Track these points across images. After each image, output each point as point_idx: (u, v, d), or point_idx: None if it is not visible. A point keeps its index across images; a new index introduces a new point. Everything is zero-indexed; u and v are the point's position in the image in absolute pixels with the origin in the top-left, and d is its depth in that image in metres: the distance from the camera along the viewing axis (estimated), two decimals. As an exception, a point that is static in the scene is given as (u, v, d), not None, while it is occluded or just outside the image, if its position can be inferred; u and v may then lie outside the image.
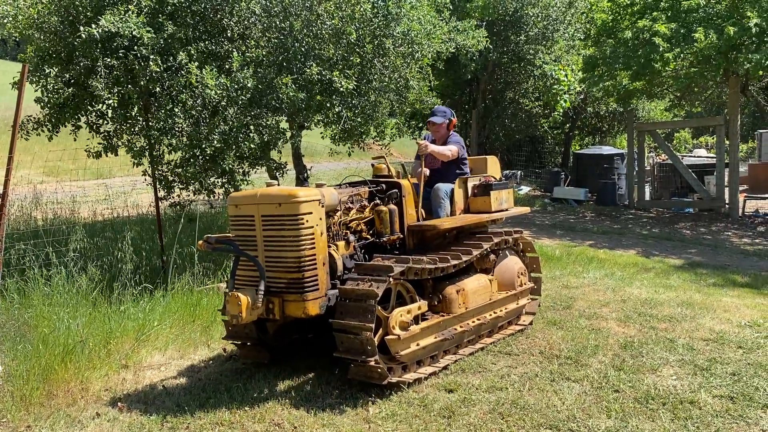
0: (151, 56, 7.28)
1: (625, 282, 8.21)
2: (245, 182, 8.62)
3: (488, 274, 5.83)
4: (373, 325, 4.34)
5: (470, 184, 6.18)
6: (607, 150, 19.59)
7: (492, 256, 5.88)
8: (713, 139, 24.96)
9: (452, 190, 5.95)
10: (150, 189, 8.86)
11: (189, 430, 4.13)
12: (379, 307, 4.55)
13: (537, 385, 4.69)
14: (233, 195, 4.84)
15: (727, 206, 15.11)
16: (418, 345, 4.83)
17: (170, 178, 8.38)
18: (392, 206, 5.33)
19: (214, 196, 8.53)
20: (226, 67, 7.88)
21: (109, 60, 7.29)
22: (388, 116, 10.43)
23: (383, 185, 5.48)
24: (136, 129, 8.60)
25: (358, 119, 8.95)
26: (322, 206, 4.65)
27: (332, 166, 22.07)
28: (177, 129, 7.56)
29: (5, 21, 7.84)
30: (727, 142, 15.37)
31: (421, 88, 10.48)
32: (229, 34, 8.31)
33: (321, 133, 10.27)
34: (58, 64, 7.94)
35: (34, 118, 8.48)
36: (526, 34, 17.42)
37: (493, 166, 6.65)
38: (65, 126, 8.53)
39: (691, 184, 16.23)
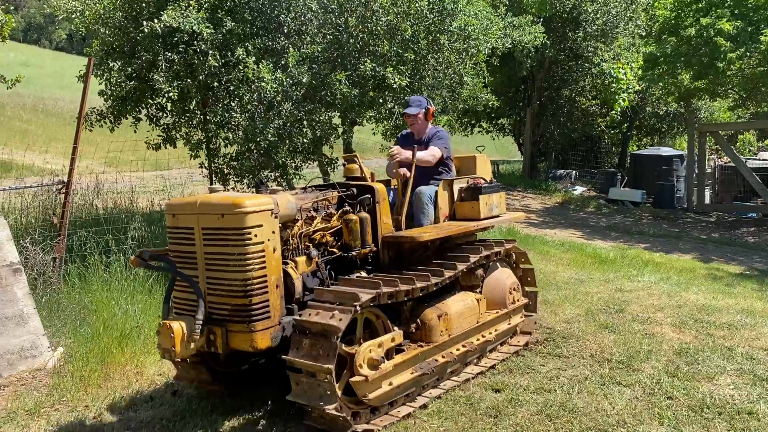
0: (210, 51, 7.45)
1: (682, 287, 7.96)
2: (297, 176, 8.73)
3: (475, 292, 5.11)
4: (332, 366, 3.62)
5: (456, 187, 5.35)
6: (665, 151, 19.07)
7: (479, 271, 5.13)
8: (780, 141, 23.95)
9: (436, 194, 5.19)
10: (206, 181, 9.07)
11: (238, 417, 4.21)
12: (342, 345, 3.89)
13: (586, 388, 4.60)
14: (170, 202, 4.13)
15: (793, 212, 14.51)
16: (391, 384, 4.10)
17: (226, 171, 8.56)
18: (364, 214, 4.53)
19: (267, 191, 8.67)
20: (282, 62, 7.99)
21: (169, 54, 7.49)
22: (440, 113, 10.38)
23: (354, 189, 4.69)
24: (194, 122, 8.83)
25: (411, 115, 8.94)
26: (276, 217, 3.90)
27: (383, 162, 22.14)
28: (233, 123, 7.72)
29: (73, 16, 8.16)
30: (795, 145, 14.73)
31: (476, 84, 10.39)
32: (285, 30, 8.43)
33: (372, 129, 10.32)
34: (121, 58, 8.22)
35: (98, 110, 8.79)
36: (584, 31, 17.07)
37: (483, 166, 5.85)
38: (126, 118, 8.82)
39: (755, 188, 15.63)
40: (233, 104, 7.74)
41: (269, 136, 7.54)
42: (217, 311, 3.84)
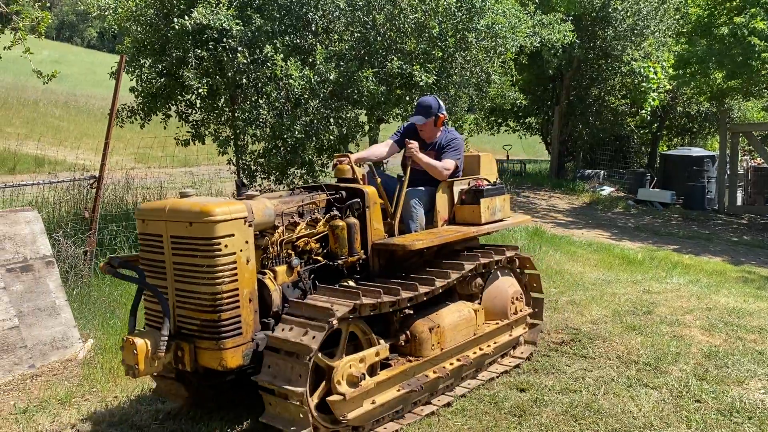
0: (239, 48, 7.52)
1: (712, 289, 7.83)
2: (323, 174, 8.79)
3: (474, 302, 4.77)
4: (305, 389, 3.36)
5: (456, 189, 4.97)
6: (696, 152, 18.79)
7: (478, 280, 4.77)
8: (816, 142, 23.39)
9: (432, 196, 4.85)
10: (233, 177, 9.17)
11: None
12: (321, 356, 3.59)
13: (613, 389, 4.56)
14: (140, 206, 3.84)
15: (828, 214, 14.18)
16: (374, 403, 3.78)
17: (253, 168, 8.65)
18: (352, 219, 4.21)
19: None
20: (310, 60, 8.04)
21: (199, 51, 7.59)
22: (466, 111, 10.35)
23: (343, 192, 4.37)
24: (223, 119, 8.92)
25: (437, 114, 8.93)
26: (250, 226, 3.59)
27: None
28: (261, 120, 7.79)
29: (106, 13, 8.30)
30: (832, 146, 14.40)
31: (503, 82, 10.34)
32: (313, 28, 8.47)
33: (399, 127, 10.32)
34: (152, 55, 8.34)
35: (128, 106, 8.94)
36: (614, 30, 16.87)
37: (488, 165, 5.43)
38: (156, 115, 8.94)
39: (789, 189, 15.33)
40: (261, 101, 7.81)
41: (296, 133, 7.60)
42: (185, 326, 3.58)
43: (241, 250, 3.52)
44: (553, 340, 5.60)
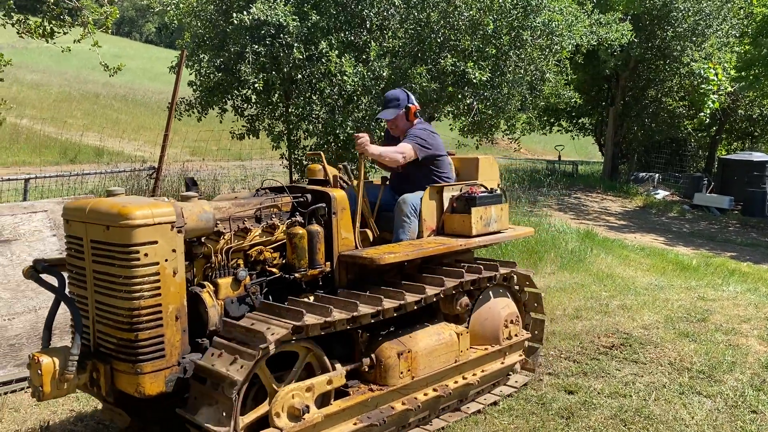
0: (295, 44, 7.64)
1: (771, 299, 7.57)
2: (373, 170, 8.84)
3: (459, 324, 4.21)
4: (242, 378, 2.92)
5: (447, 195, 4.38)
6: (758, 156, 18.16)
7: (464, 300, 4.16)
8: None
9: (421, 202, 4.28)
10: (284, 171, 9.33)
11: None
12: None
13: (664, 395, 4.47)
14: (66, 205, 3.35)
15: None
16: None
17: (305, 163, 8.77)
18: (315, 227, 3.68)
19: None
20: (363, 57, 8.11)
21: (256, 47, 7.74)
22: (519, 110, 10.27)
23: (308, 196, 3.86)
24: (277, 114, 9.08)
25: (489, 111, 8.89)
26: (179, 232, 3.10)
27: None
28: (314, 116, 7.90)
29: (168, 9, 8.56)
30: None
31: (558, 81, 10.21)
32: (367, 25, 8.54)
33: (450, 124, 10.30)
34: (210, 50, 8.55)
35: (187, 100, 9.18)
36: (674, 30, 16.41)
37: (488, 170, 4.84)
38: (213, 109, 9.16)
39: None
40: (314, 97, 7.92)
41: (348, 129, 7.68)
42: (104, 344, 3.10)
43: (166, 260, 3.03)
44: (602, 344, 5.52)
